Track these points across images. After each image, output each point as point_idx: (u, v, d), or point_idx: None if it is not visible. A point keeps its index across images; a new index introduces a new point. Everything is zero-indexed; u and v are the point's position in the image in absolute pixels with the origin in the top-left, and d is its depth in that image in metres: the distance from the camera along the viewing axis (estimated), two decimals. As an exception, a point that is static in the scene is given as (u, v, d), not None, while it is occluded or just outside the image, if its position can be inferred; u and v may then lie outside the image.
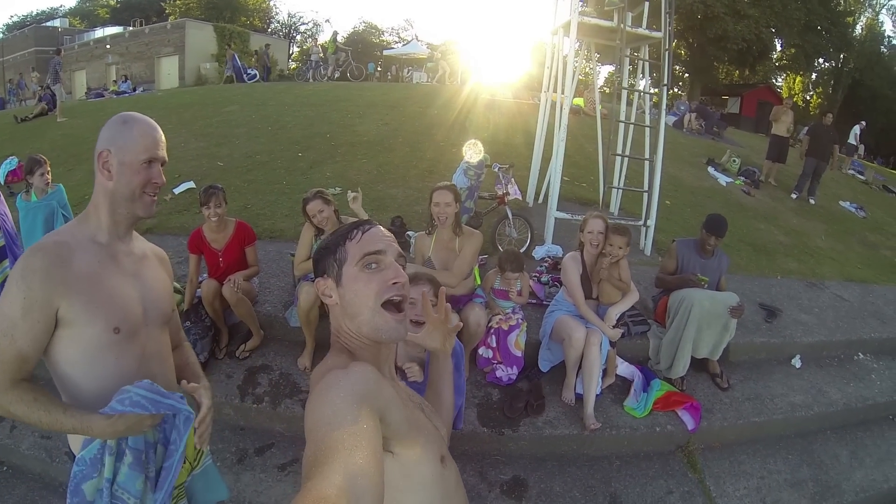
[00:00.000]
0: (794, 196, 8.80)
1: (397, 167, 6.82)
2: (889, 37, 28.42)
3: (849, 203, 9.34)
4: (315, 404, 0.77)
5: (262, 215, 5.33)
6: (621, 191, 5.87)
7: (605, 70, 21.67)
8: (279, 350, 3.44)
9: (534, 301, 3.90)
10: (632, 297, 3.25)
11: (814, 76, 29.41)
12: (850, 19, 26.79)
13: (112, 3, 36.32)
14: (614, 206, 5.99)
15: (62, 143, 8.68)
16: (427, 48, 21.50)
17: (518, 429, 2.92)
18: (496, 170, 5.00)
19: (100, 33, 27.84)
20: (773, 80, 29.46)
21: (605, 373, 3.16)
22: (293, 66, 27.63)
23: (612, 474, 2.84)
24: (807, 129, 9.86)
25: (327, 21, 53.87)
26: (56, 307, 1.14)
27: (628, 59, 5.36)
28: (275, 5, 39.00)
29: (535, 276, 4.26)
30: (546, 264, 4.55)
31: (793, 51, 25.42)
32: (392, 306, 0.95)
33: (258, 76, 16.68)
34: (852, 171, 12.96)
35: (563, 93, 5.09)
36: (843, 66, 27.08)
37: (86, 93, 19.64)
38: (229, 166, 6.90)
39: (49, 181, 3.89)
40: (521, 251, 4.72)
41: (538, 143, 6.15)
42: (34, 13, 37.76)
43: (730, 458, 3.06)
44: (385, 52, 26.78)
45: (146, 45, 24.20)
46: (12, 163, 7.20)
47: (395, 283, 0.95)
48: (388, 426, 0.83)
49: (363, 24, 39.08)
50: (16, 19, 38.26)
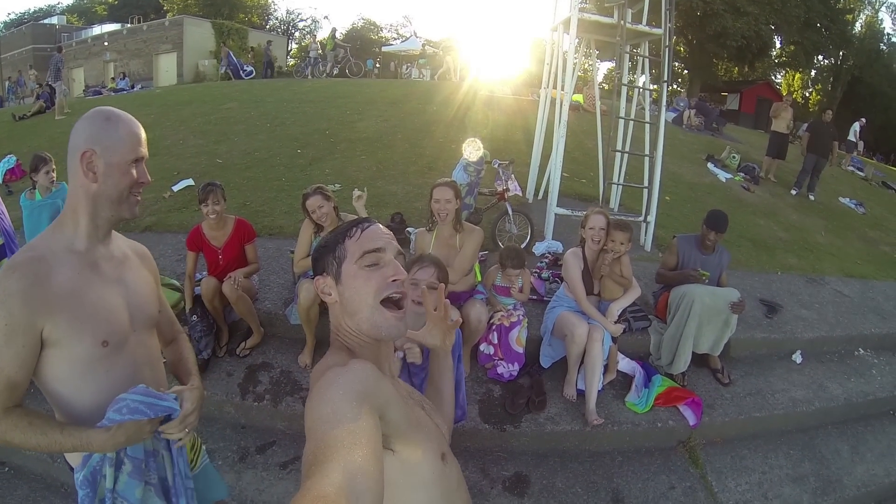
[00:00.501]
0: (793, 192, 8.81)
1: (397, 164, 6.81)
2: (888, 34, 28.26)
3: (848, 199, 9.35)
4: (314, 402, 0.77)
5: (261, 212, 5.32)
6: (621, 187, 5.87)
7: (605, 66, 21.66)
8: (280, 347, 3.44)
9: (534, 297, 3.89)
10: (633, 293, 3.25)
11: (813, 73, 29.34)
12: (849, 16, 26.70)
13: (110, 0, 36.16)
14: (614, 203, 5.97)
15: (61, 140, 8.55)
16: (427, 45, 21.44)
17: (520, 425, 2.92)
18: (496, 166, 4.98)
19: (98, 30, 27.72)
20: (773, 77, 29.39)
21: (606, 368, 3.16)
22: (292, 62, 27.56)
23: (614, 470, 2.85)
24: (806, 125, 9.86)
25: (326, 17, 53.69)
26: (40, 328, 1.10)
27: (628, 55, 5.35)
28: (273, 2, 38.85)
29: (536, 272, 4.26)
30: (546, 260, 4.55)
31: (792, 48, 25.38)
32: (391, 303, 0.95)
33: (254, 73, 16.62)
34: (852, 168, 12.96)
35: (562, 89, 5.08)
36: (843, 63, 27.03)
37: (84, 90, 19.58)
38: (228, 163, 6.89)
39: (54, 179, 3.86)
40: (522, 247, 4.71)
41: (538, 139, 6.14)
42: (31, 10, 37.49)
43: (731, 454, 3.06)
44: (384, 49, 26.67)
45: (144, 42, 24.14)
46: (10, 161, 7.19)
47: (394, 281, 0.95)
48: (388, 424, 0.82)
49: (362, 21, 38.95)
50: (13, 17, 38.03)
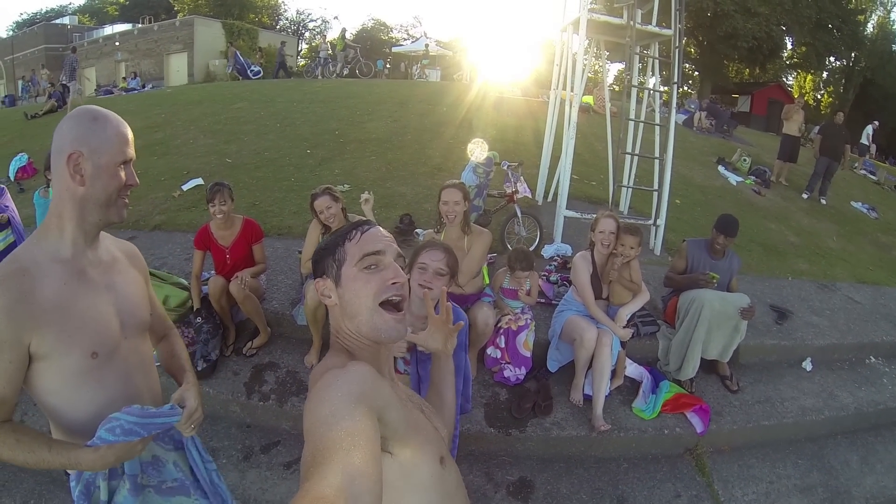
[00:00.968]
0: (805, 196, 8.72)
1: (406, 164, 6.80)
2: (901, 35, 27.96)
3: (860, 203, 9.23)
4: (313, 404, 0.77)
5: (270, 212, 5.34)
6: (631, 189, 5.83)
7: (615, 68, 21.52)
8: (286, 347, 3.44)
9: (542, 300, 3.88)
10: (642, 298, 3.22)
11: (825, 75, 28.98)
12: (861, 17, 26.37)
13: (121, 0, 36.50)
14: (624, 205, 5.94)
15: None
16: (437, 45, 21.45)
17: (525, 429, 2.90)
18: (505, 168, 4.96)
19: (109, 30, 27.98)
20: (784, 79, 29.14)
21: (613, 374, 3.13)
22: (302, 63, 27.69)
23: (619, 476, 2.82)
24: (818, 128, 9.76)
25: (336, 18, 53.96)
26: (27, 344, 1.07)
27: (638, 56, 5.31)
28: (283, 2, 39.13)
29: (545, 275, 4.24)
30: (555, 263, 4.52)
31: (804, 49, 25.16)
32: (391, 306, 0.95)
33: (262, 73, 16.69)
34: (864, 172, 12.81)
35: (572, 90, 5.06)
36: (855, 64, 26.71)
37: (95, 90, 19.76)
38: (238, 163, 6.92)
39: None
40: (531, 250, 4.69)
41: (547, 141, 6.12)
42: (44, 11, 37.93)
43: (739, 462, 3.03)
44: (394, 49, 26.74)
45: (155, 42, 24.32)
46: (22, 159, 7.25)
47: (394, 284, 0.95)
48: (387, 426, 0.82)
49: (372, 22, 39.08)
50: (25, 17, 38.52)
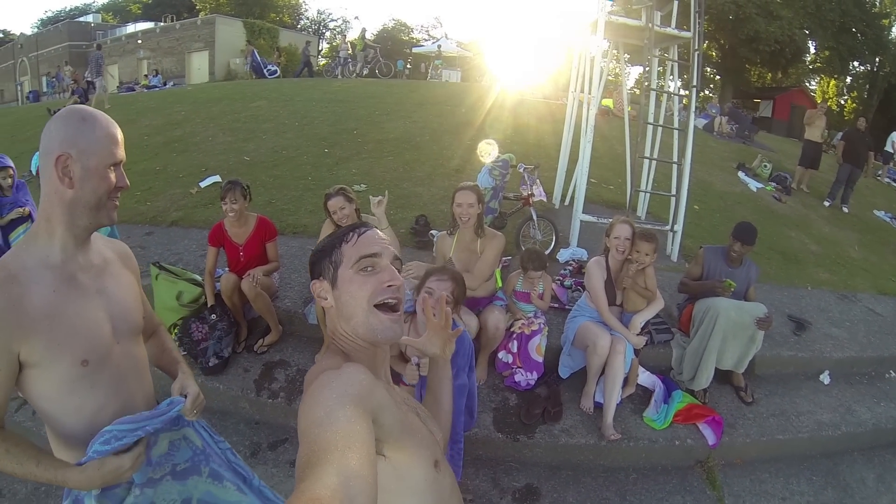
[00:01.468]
0: (826, 204, 8.53)
1: (424, 165, 6.80)
2: (925, 41, 27.18)
3: (884, 212, 9.00)
4: (308, 405, 0.77)
5: (286, 210, 5.38)
6: (649, 194, 5.76)
7: (636, 71, 21.32)
8: (297, 346, 3.46)
9: (556, 305, 3.84)
10: (657, 305, 3.16)
11: (848, 80, 28.29)
12: (885, 21, 25.67)
13: (144, -2, 37.17)
14: (642, 210, 5.87)
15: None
16: (457, 46, 21.43)
17: (534, 435, 2.87)
18: (521, 170, 4.93)
19: (131, 29, 28.50)
20: (807, 84, 28.54)
21: (625, 382, 3.08)
22: (322, 62, 27.91)
23: (627, 487, 2.78)
24: (841, 134, 9.56)
25: (356, 18, 54.36)
26: (16, 352, 1.07)
27: (657, 59, 5.25)
28: (304, 2, 39.46)
29: (559, 280, 4.20)
30: (570, 268, 4.47)
31: (827, 53, 24.58)
32: (387, 308, 0.95)
33: (279, 72, 16.83)
34: (888, 180, 12.49)
35: (589, 93, 5.01)
36: (879, 69, 26.00)
37: (117, 87, 20.13)
38: (255, 161, 6.98)
39: None
40: (546, 253, 4.65)
41: (565, 144, 6.07)
42: (68, 9, 38.87)
43: (751, 477, 2.96)
44: (414, 50, 26.81)
45: (177, 40, 24.69)
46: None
47: (389, 286, 0.96)
48: (381, 428, 0.82)
49: (393, 22, 39.30)
50: (50, 14, 39.46)
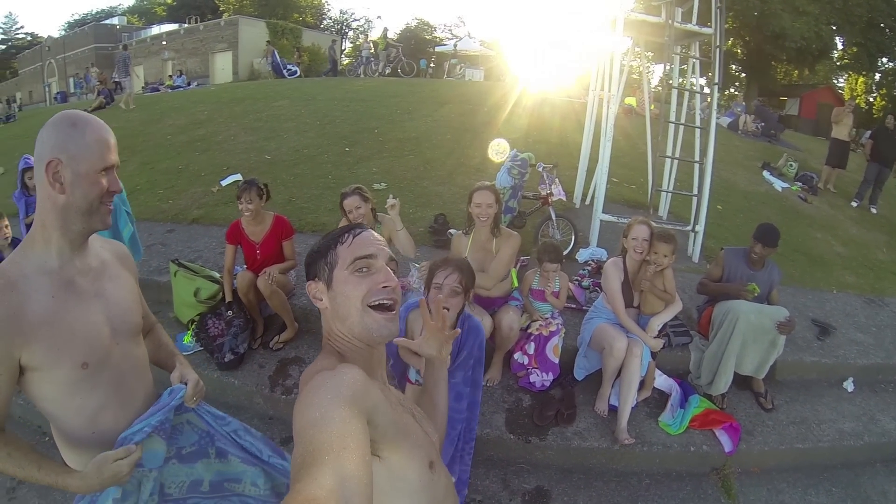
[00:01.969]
0: (854, 204, 8.29)
1: (444, 164, 6.80)
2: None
3: (914, 214, 8.72)
4: (303, 406, 0.77)
5: (306, 209, 5.43)
6: (671, 194, 5.66)
7: (660, 69, 20.98)
8: (313, 343, 3.49)
9: (573, 306, 3.81)
10: (675, 308, 3.11)
11: (877, 77, 27.37)
12: (914, 16, 24.87)
13: (168, 0, 37.89)
14: (663, 210, 5.77)
15: (118, 135, 9.02)
16: (480, 45, 21.33)
17: (546, 437, 2.85)
18: (540, 169, 4.89)
19: (156, 30, 29.17)
20: (835, 81, 27.74)
21: (641, 385, 3.04)
22: (345, 61, 28.13)
23: (640, 493, 2.74)
24: (869, 133, 9.27)
25: (379, 17, 54.66)
26: (17, 357, 1.08)
27: (678, 56, 5.15)
28: (327, 2, 39.81)
29: (577, 280, 4.17)
30: (589, 268, 4.43)
31: (854, 49, 23.78)
32: (383, 309, 0.96)
33: (298, 72, 16.97)
34: (919, 180, 12.10)
35: (610, 91, 4.94)
36: (909, 66, 25.26)
37: (143, 87, 20.56)
38: (276, 160, 7.05)
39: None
40: (565, 253, 4.61)
41: (586, 142, 6.01)
42: (94, 11, 40.03)
43: (768, 486, 2.89)
44: (437, 49, 26.81)
45: (201, 41, 25.13)
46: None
47: (384, 287, 0.96)
48: (376, 429, 0.83)
49: (416, 21, 39.42)
50: (76, 17, 40.70)
